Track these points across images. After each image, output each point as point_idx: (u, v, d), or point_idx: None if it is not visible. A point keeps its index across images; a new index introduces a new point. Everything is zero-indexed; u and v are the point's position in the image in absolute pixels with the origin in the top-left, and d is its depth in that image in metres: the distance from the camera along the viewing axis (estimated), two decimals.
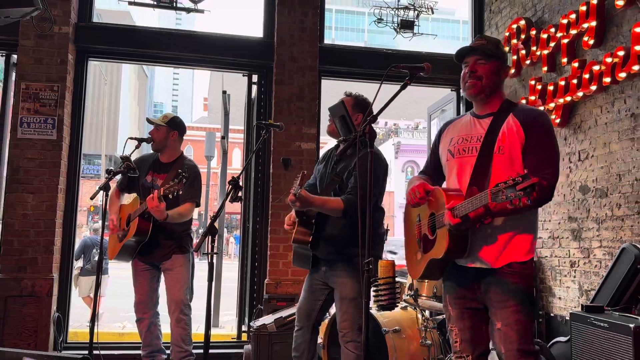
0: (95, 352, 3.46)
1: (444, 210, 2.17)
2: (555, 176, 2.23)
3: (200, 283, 4.13)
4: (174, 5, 5.12)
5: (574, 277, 4.07)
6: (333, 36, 47.82)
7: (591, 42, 3.88)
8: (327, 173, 3.20)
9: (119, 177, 3.84)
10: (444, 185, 2.48)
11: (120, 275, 8.60)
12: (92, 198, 3.59)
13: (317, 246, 3.07)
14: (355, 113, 3.10)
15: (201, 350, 2.96)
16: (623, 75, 3.55)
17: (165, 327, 3.85)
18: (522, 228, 2.25)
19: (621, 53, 3.56)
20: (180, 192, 3.38)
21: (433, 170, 2.59)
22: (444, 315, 2.56)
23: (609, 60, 3.68)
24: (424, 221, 2.38)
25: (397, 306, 3.54)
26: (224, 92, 8.13)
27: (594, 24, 3.86)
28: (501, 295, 2.19)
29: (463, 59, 2.38)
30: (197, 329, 4.00)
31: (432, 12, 5.56)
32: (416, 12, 5.51)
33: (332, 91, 5.75)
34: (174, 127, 3.81)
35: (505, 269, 2.20)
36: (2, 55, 4.92)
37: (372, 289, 3.29)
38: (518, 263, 2.20)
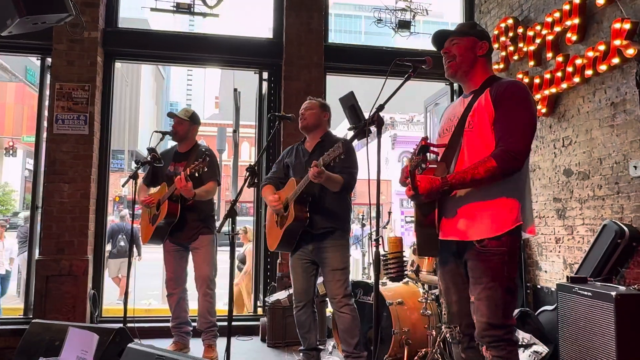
0: (129, 324, 3.51)
1: None
2: (519, 144, 2.02)
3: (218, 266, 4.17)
4: (192, 10, 5.12)
5: (559, 252, 4.10)
6: (333, 38, 47.44)
7: (574, 38, 3.87)
8: (302, 163, 3.30)
9: (146, 168, 3.89)
10: None
11: (145, 258, 8.64)
12: (123, 185, 3.64)
13: (310, 223, 3.14)
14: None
15: (224, 323, 3.00)
16: (604, 67, 3.55)
17: (192, 303, 3.90)
18: (490, 194, 2.07)
19: (602, 47, 3.56)
20: (205, 169, 3.43)
21: None
22: None
23: (590, 54, 3.67)
24: None
25: (405, 277, 3.57)
26: (235, 90, 8.10)
27: (576, 21, 3.84)
28: (474, 272, 2.09)
29: (442, 47, 2.27)
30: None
31: (427, 13, 5.54)
32: (412, 13, 5.50)
33: (336, 86, 5.74)
34: (195, 121, 3.90)
35: (477, 246, 2.06)
36: (37, 59, 4.92)
37: (382, 262, 3.35)
38: (490, 239, 2.04)
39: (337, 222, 3.19)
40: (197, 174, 3.40)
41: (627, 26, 3.32)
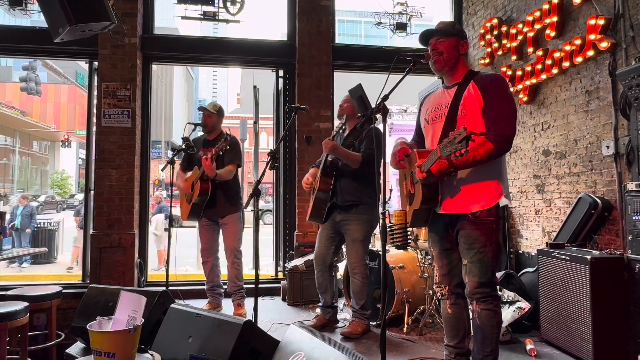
0: (170, 287, 3.53)
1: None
2: (510, 129, 2.06)
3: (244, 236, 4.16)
4: (217, 17, 5.02)
5: (538, 222, 4.03)
6: (338, 40, 46.73)
7: (552, 34, 3.73)
8: (340, 143, 3.21)
9: (181, 154, 3.86)
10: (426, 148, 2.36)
11: (182, 231, 8.68)
12: (162, 170, 3.64)
13: (335, 195, 3.10)
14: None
15: (251, 285, 3.00)
16: (579, 59, 3.42)
17: (223, 269, 3.91)
18: (483, 177, 2.09)
19: (578, 42, 3.42)
20: (227, 148, 3.45)
21: (419, 137, 2.49)
22: None
23: (567, 48, 3.54)
24: (408, 179, 2.32)
25: (409, 245, 3.53)
26: (255, 87, 8.00)
27: (555, 19, 3.70)
28: (467, 239, 2.11)
29: (428, 42, 2.26)
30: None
31: (421, 16, 5.39)
32: (408, 16, 5.35)
33: (343, 81, 5.63)
34: (221, 114, 3.89)
35: (470, 217, 2.08)
36: (86, 62, 4.87)
37: (388, 232, 3.31)
38: (483, 210, 2.07)
39: (360, 196, 3.12)
40: (221, 153, 3.41)
41: (601, 22, 3.19)
